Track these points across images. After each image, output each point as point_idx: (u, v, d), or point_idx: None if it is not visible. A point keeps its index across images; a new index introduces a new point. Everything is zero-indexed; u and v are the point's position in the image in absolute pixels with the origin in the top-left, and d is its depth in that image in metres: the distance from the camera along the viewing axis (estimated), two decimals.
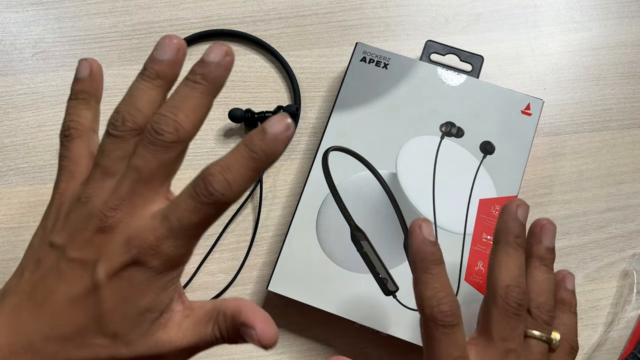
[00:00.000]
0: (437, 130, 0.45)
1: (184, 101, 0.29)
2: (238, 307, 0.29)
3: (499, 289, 0.33)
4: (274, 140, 0.27)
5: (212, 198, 0.27)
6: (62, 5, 0.52)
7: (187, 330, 0.29)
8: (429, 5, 0.53)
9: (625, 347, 0.44)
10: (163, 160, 0.29)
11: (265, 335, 0.28)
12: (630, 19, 0.53)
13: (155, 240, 0.28)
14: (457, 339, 0.31)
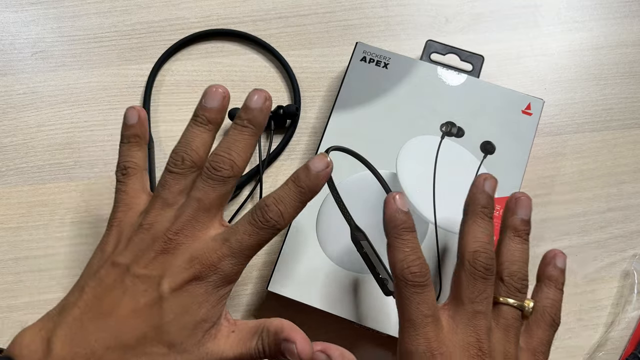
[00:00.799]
0: (438, 130, 0.45)
1: (235, 143, 0.35)
2: (281, 324, 0.33)
3: (467, 254, 0.35)
4: (316, 177, 0.34)
5: (268, 224, 0.33)
6: (62, 4, 0.52)
7: (233, 343, 0.33)
8: (429, 5, 0.53)
9: (625, 347, 0.44)
10: (221, 192, 0.34)
11: (304, 350, 0.32)
12: (631, 19, 0.53)
13: (217, 259, 0.32)
14: (428, 299, 0.33)
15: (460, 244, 0.36)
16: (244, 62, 0.51)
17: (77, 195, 0.47)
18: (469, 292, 0.34)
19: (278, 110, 0.48)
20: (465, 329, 0.34)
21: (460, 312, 0.34)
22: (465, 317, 0.34)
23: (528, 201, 0.38)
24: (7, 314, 0.44)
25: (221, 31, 0.51)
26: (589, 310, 0.46)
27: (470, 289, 0.34)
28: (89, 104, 0.50)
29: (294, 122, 0.49)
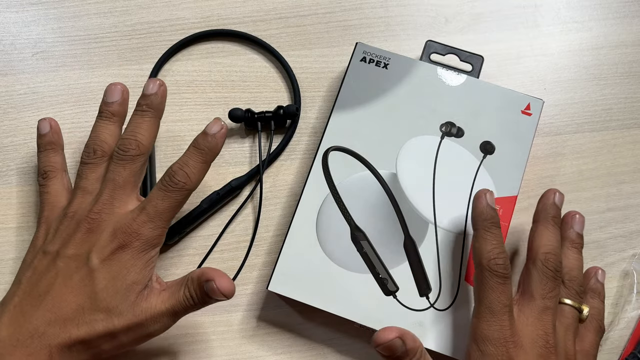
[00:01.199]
0: (437, 130, 0.45)
1: (138, 125, 0.40)
2: (202, 270, 0.37)
3: (540, 254, 0.39)
4: (213, 138, 0.39)
5: (177, 187, 0.38)
6: (62, 5, 0.52)
7: (165, 298, 0.37)
8: (429, 5, 0.53)
9: (625, 347, 0.44)
10: (132, 170, 0.39)
11: (223, 285, 0.36)
12: (630, 19, 0.53)
13: (137, 226, 0.37)
14: (507, 290, 0.37)
15: (533, 245, 0.40)
16: (244, 62, 0.51)
17: None
18: (540, 288, 0.38)
19: (278, 111, 0.48)
20: (535, 322, 0.37)
21: (532, 306, 0.37)
22: (536, 311, 0.37)
23: (582, 218, 0.43)
24: None
25: (222, 32, 0.51)
26: None
27: (542, 286, 0.38)
28: (89, 104, 0.50)
29: (294, 122, 0.49)
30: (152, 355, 0.43)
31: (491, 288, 0.37)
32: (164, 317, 0.37)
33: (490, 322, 0.36)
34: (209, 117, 0.49)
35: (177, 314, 0.37)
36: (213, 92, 0.50)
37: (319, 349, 0.44)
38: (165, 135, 0.49)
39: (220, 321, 0.44)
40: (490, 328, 0.36)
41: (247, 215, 0.47)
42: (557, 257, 0.39)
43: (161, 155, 0.48)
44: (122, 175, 0.38)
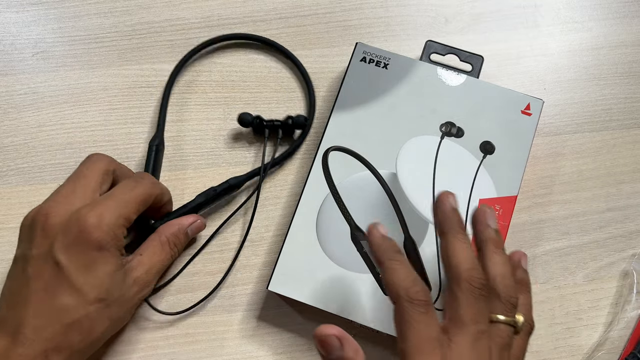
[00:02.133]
0: (437, 130, 0.45)
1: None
2: (177, 222, 0.44)
3: (462, 273, 0.33)
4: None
5: (140, 177, 0.42)
6: (62, 5, 0.52)
7: (146, 266, 0.41)
8: (429, 5, 0.53)
9: (625, 347, 0.44)
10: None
11: (200, 223, 0.45)
12: (630, 19, 0.53)
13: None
14: (433, 320, 0.32)
15: (451, 263, 0.34)
16: (244, 62, 0.51)
17: None
18: (470, 312, 0.32)
19: (287, 121, 0.48)
20: (470, 353, 0.31)
21: (464, 334, 0.32)
22: (470, 338, 0.32)
23: (493, 212, 0.37)
24: None
25: (240, 35, 0.51)
26: (588, 310, 0.46)
27: (471, 309, 0.32)
28: (89, 104, 0.50)
29: (304, 133, 0.49)
30: (152, 355, 0.43)
31: (415, 321, 0.31)
32: (152, 282, 0.41)
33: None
34: (209, 117, 0.49)
35: (161, 271, 0.42)
36: (213, 92, 0.50)
37: None
38: (166, 135, 0.49)
39: (220, 321, 0.44)
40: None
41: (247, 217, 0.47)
42: (480, 271, 0.34)
43: None
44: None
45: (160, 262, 0.41)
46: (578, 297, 0.46)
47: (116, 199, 0.38)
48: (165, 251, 0.42)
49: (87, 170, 0.40)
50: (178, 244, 0.43)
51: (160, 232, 0.42)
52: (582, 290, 0.46)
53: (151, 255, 0.41)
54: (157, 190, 0.41)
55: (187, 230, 0.43)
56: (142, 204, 0.39)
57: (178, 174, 0.48)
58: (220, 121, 0.49)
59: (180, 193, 0.47)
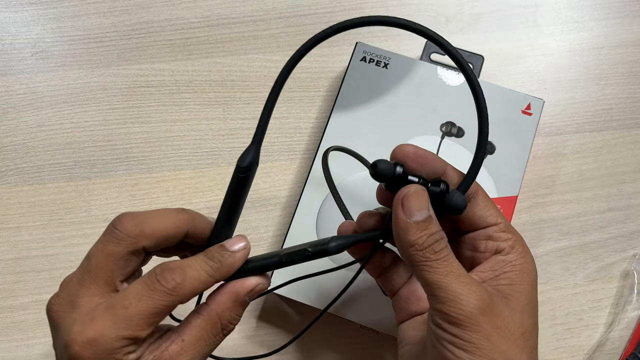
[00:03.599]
0: (438, 130, 0.45)
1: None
2: (231, 287, 0.31)
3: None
4: (230, 254, 0.31)
5: (164, 287, 0.29)
6: (62, 4, 0.52)
7: (190, 354, 0.30)
8: (429, 5, 0.53)
9: (625, 347, 0.44)
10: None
11: (264, 281, 0.32)
12: (631, 19, 0.53)
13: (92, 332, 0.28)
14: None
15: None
16: (244, 62, 0.51)
17: (76, 195, 0.47)
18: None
19: (442, 188, 0.30)
20: None
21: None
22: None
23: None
24: (7, 314, 0.44)
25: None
26: (589, 310, 0.46)
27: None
28: (89, 104, 0.50)
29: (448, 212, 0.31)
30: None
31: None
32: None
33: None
34: (209, 117, 0.49)
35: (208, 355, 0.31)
36: (213, 92, 0.50)
37: (318, 349, 0.44)
38: (165, 135, 0.49)
39: None
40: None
41: (247, 217, 0.47)
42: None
43: (160, 155, 0.48)
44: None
45: (208, 346, 0.30)
46: (579, 297, 0.46)
47: (116, 314, 0.28)
48: (215, 334, 0.30)
49: (101, 254, 0.29)
50: (233, 320, 0.31)
51: (211, 307, 0.30)
52: (583, 290, 0.46)
53: (196, 340, 0.30)
54: (182, 295, 0.29)
55: (244, 300, 0.31)
56: (157, 316, 0.28)
57: (177, 174, 0.48)
58: (220, 121, 0.49)
59: (179, 194, 0.47)
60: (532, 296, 0.30)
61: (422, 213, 0.29)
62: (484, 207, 0.31)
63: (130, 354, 0.28)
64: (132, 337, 0.28)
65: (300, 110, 0.50)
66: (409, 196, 0.29)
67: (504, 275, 0.30)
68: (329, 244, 0.31)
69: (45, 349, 0.44)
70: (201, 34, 0.51)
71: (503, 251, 0.31)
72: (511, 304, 0.29)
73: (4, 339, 0.44)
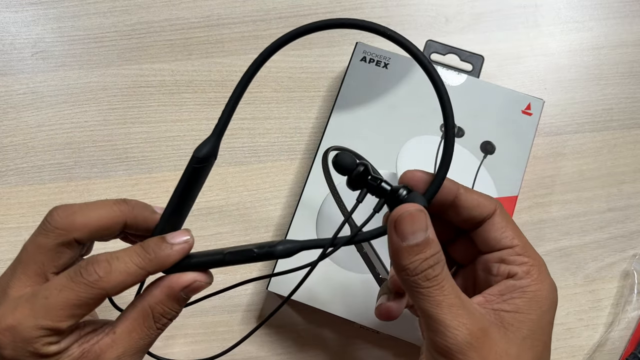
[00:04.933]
0: (437, 130, 0.45)
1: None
2: (168, 281, 0.30)
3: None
4: (169, 246, 0.30)
5: (87, 279, 0.28)
6: (62, 4, 0.52)
7: (119, 351, 0.29)
8: (429, 5, 0.53)
9: (625, 347, 0.44)
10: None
11: (204, 279, 0.31)
12: (631, 19, 0.53)
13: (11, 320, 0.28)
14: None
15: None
16: (244, 62, 0.51)
17: (77, 195, 0.47)
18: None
19: (399, 191, 0.30)
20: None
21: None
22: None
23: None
24: None
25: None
26: (589, 310, 0.46)
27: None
28: (89, 104, 0.50)
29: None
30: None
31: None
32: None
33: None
34: (209, 117, 0.49)
35: (144, 350, 0.30)
36: (213, 92, 0.50)
37: (318, 349, 0.44)
38: (165, 135, 0.49)
39: (220, 321, 0.44)
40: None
41: (247, 217, 0.47)
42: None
43: (160, 155, 0.48)
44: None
45: (141, 339, 0.29)
46: (579, 297, 0.46)
47: (36, 303, 0.28)
48: (147, 326, 0.30)
49: (32, 246, 0.30)
50: (167, 314, 0.30)
51: (145, 299, 0.30)
52: (583, 290, 0.46)
53: (128, 332, 0.29)
54: (106, 289, 0.28)
55: (179, 295, 0.30)
56: (79, 308, 0.28)
57: (177, 174, 0.48)
58: None
59: None
60: (539, 327, 0.29)
61: (416, 236, 0.27)
62: (499, 229, 0.30)
63: (51, 345, 0.28)
64: (51, 327, 0.27)
65: (300, 110, 0.50)
66: (404, 218, 0.27)
67: (511, 301, 0.29)
68: (275, 247, 0.30)
69: None
70: (201, 34, 0.51)
71: (515, 276, 0.29)
72: (509, 335, 0.28)
73: None
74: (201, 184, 0.32)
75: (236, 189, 0.47)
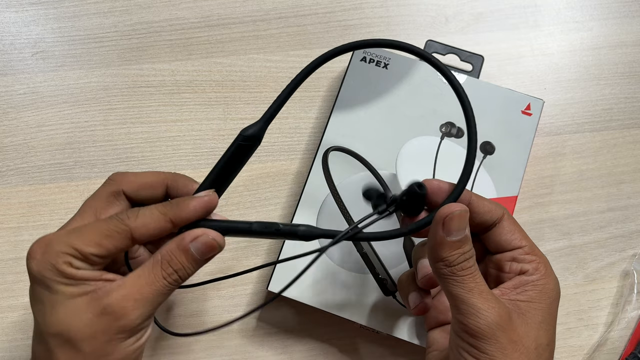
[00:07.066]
0: (437, 130, 0.45)
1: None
2: (181, 237, 0.32)
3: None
4: (189, 199, 0.33)
5: (117, 218, 0.32)
6: (62, 5, 0.52)
7: (135, 300, 0.31)
8: (429, 5, 0.53)
9: (625, 347, 0.44)
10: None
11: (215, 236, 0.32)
12: (630, 19, 0.53)
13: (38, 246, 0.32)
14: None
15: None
16: (244, 62, 0.51)
17: (77, 195, 0.47)
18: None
19: (403, 198, 0.34)
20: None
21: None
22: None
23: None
24: (7, 314, 0.44)
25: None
26: (588, 310, 0.46)
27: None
28: (89, 104, 0.50)
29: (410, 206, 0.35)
30: (151, 356, 0.43)
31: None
32: (133, 311, 0.31)
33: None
34: (209, 117, 0.49)
35: (150, 299, 0.32)
36: (213, 92, 0.50)
37: (319, 349, 0.44)
38: (165, 135, 0.49)
39: (220, 321, 0.44)
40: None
41: (247, 217, 0.47)
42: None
43: (160, 155, 0.48)
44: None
45: (147, 285, 0.31)
46: (579, 297, 0.46)
47: (72, 229, 0.32)
48: (154, 273, 0.31)
49: (90, 196, 0.34)
50: (174, 265, 0.31)
51: (158, 250, 0.32)
52: (583, 290, 0.46)
53: (137, 276, 0.31)
54: (131, 226, 0.31)
55: (188, 248, 0.32)
56: (107, 239, 0.31)
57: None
58: (220, 121, 0.49)
59: None
60: (549, 315, 0.32)
61: (459, 233, 0.31)
62: (509, 232, 0.34)
63: (71, 267, 0.30)
64: (78, 249, 0.30)
65: (300, 110, 0.50)
66: (453, 217, 0.31)
67: (524, 293, 0.32)
68: (299, 227, 0.33)
69: None
70: (201, 34, 0.51)
71: (527, 272, 0.33)
72: (527, 320, 0.31)
73: (4, 339, 0.44)
74: (242, 164, 0.35)
75: (236, 188, 0.47)
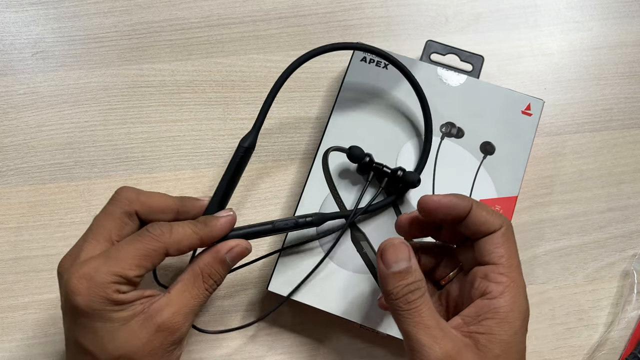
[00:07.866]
0: (437, 130, 0.45)
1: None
2: (215, 249, 0.36)
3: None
4: (215, 218, 0.36)
5: (151, 234, 0.34)
6: (62, 5, 0.52)
7: (175, 308, 0.34)
8: (429, 5, 0.53)
9: (625, 347, 0.44)
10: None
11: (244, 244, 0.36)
12: (630, 19, 0.53)
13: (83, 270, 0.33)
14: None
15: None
16: (244, 62, 0.51)
17: (77, 195, 0.47)
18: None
19: (397, 172, 0.42)
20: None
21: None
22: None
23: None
24: (7, 314, 0.44)
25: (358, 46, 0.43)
26: (588, 310, 0.46)
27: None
28: (89, 104, 0.50)
29: (403, 191, 0.43)
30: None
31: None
32: (184, 325, 0.34)
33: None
34: (209, 117, 0.49)
35: (196, 310, 0.35)
36: (213, 92, 0.50)
37: (319, 349, 0.44)
38: (165, 135, 0.49)
39: (220, 321, 0.44)
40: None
41: (247, 217, 0.47)
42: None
43: (160, 155, 0.48)
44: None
45: (192, 299, 0.34)
46: (578, 297, 0.46)
47: (108, 255, 0.32)
48: (197, 286, 0.34)
49: (102, 215, 0.35)
50: (214, 276, 0.35)
51: (195, 263, 0.35)
52: (583, 290, 0.46)
53: (181, 292, 0.34)
54: (167, 243, 0.33)
55: (224, 258, 0.35)
56: (145, 259, 0.33)
57: (177, 174, 0.48)
58: (220, 121, 0.49)
59: (180, 193, 0.47)
60: (511, 346, 0.31)
61: (399, 264, 0.31)
62: (493, 244, 0.33)
63: (120, 293, 0.32)
64: (122, 274, 0.32)
65: (300, 111, 0.50)
66: (387, 248, 0.32)
67: (485, 322, 0.31)
68: (311, 215, 0.39)
69: (46, 348, 0.44)
70: (201, 34, 0.51)
71: (489, 294, 0.32)
72: (482, 356, 0.30)
73: (4, 339, 0.44)
74: (242, 171, 0.39)
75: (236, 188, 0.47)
